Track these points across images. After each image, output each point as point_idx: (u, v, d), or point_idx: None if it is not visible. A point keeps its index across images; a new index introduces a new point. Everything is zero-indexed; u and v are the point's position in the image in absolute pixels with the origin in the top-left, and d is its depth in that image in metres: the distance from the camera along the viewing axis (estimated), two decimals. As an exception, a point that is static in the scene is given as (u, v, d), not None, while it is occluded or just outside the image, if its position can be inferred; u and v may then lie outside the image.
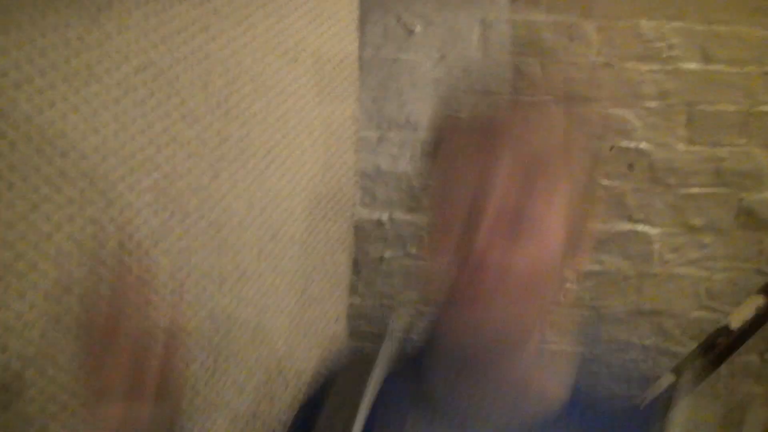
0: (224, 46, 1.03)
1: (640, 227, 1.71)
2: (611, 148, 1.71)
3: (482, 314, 0.59)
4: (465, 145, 0.64)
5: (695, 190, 1.70)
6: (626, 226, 1.71)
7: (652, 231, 1.71)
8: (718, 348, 1.56)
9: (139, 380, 0.65)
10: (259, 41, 1.10)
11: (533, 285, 0.61)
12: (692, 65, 1.70)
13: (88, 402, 0.65)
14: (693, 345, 1.68)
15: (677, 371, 1.62)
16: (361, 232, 1.70)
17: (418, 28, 1.71)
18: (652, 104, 1.70)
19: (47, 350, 0.75)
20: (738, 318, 1.59)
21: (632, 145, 1.71)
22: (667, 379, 1.60)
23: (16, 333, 0.72)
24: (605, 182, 1.71)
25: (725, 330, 1.59)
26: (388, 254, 1.71)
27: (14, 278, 0.71)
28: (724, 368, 1.65)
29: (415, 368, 0.73)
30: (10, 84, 0.69)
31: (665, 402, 1.58)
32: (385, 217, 1.72)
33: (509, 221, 0.60)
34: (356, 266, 1.70)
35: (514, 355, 0.65)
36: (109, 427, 0.64)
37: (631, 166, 1.71)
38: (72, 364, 0.79)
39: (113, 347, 0.64)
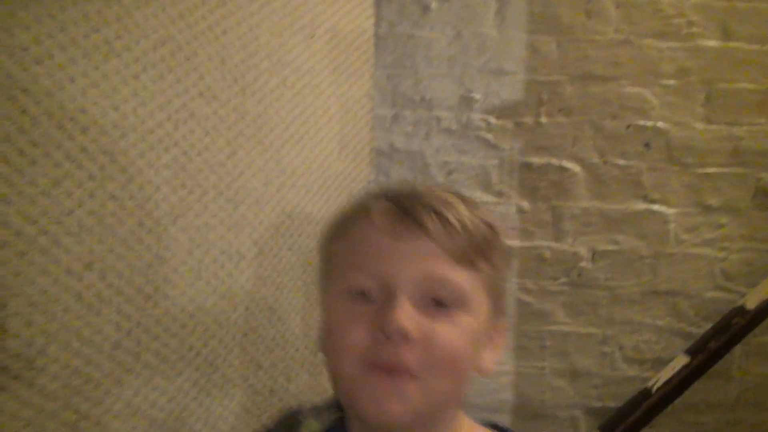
0: (241, 21, 1.02)
1: (656, 207, 1.70)
2: (628, 126, 1.69)
3: (405, 387, 0.59)
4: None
5: (712, 169, 1.69)
6: (642, 206, 1.70)
7: (668, 211, 1.70)
8: (733, 329, 1.56)
9: None
10: (276, 16, 1.09)
11: (456, 358, 0.62)
12: (711, 42, 1.67)
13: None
14: (707, 326, 1.67)
15: (691, 352, 1.62)
16: (374, 211, 1.70)
17: (433, 4, 1.69)
18: (671, 82, 1.68)
19: (72, 324, 0.76)
20: (754, 298, 1.59)
21: (649, 123, 1.69)
22: (680, 361, 1.60)
23: (40, 308, 0.72)
24: (621, 162, 1.69)
25: (741, 310, 1.59)
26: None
27: (38, 253, 0.72)
28: (738, 349, 1.65)
29: None
30: (31, 59, 0.68)
31: (678, 384, 1.59)
32: (398, 195, 1.71)
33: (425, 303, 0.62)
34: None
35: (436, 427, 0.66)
36: None
37: (647, 145, 1.69)
38: (95, 336, 0.80)
39: None
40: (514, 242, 1.71)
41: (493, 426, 0.75)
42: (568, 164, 1.70)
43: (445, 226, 0.62)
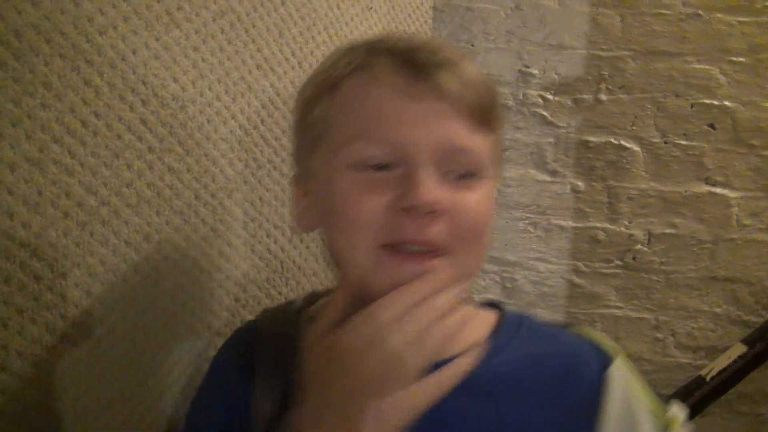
0: (300, -7, 1.00)
1: (718, 190, 1.63)
2: (692, 105, 1.62)
3: (434, 267, 0.53)
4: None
5: (782, 152, 1.61)
6: (703, 188, 1.63)
7: (732, 194, 1.63)
8: (796, 319, 1.50)
9: None
10: (334, -13, 1.07)
11: (482, 228, 0.57)
12: (789, 17, 1.58)
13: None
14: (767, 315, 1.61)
15: (749, 342, 1.56)
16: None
17: (492, -25, 1.64)
18: (741, 59, 1.60)
19: (129, 294, 0.77)
20: (820, 289, 1.52)
21: (715, 102, 1.61)
22: (737, 350, 1.55)
23: (99, 278, 0.73)
24: (683, 142, 1.63)
25: (806, 301, 1.52)
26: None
27: (98, 224, 0.72)
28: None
29: None
30: (96, 29, 0.68)
31: (734, 373, 1.54)
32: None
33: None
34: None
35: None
36: None
37: (712, 125, 1.62)
38: (152, 307, 0.81)
39: None
40: (567, 222, 1.67)
41: (491, 304, 0.70)
42: (627, 143, 1.64)
43: (463, 85, 0.55)
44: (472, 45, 1.65)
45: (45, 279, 0.66)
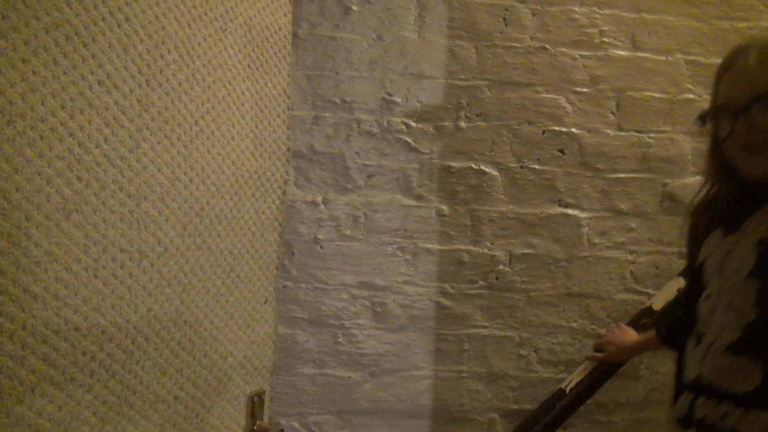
0: (146, 9, 0.97)
1: (570, 211, 1.74)
2: (543, 132, 1.73)
3: None
4: None
5: (623, 175, 1.75)
6: (557, 210, 1.74)
7: (582, 215, 1.74)
8: (642, 328, 1.61)
9: None
10: (185, 6, 1.05)
11: None
12: (622, 52, 1.74)
13: None
14: (618, 326, 1.72)
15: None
16: (295, 214, 1.67)
17: (354, 6, 1.69)
18: (583, 90, 1.73)
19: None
20: (660, 299, 1.65)
21: (564, 129, 1.73)
22: (592, 362, 1.64)
23: None
24: (537, 166, 1.73)
25: (649, 310, 1.64)
26: (322, 236, 1.68)
27: None
28: (646, 348, 1.70)
29: None
30: None
31: (589, 384, 1.62)
32: (319, 198, 1.69)
33: None
34: (289, 249, 1.66)
35: None
36: None
37: (562, 151, 1.74)
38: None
39: None
40: (433, 246, 1.71)
41: None
42: (486, 168, 1.72)
43: None
44: (336, 73, 1.68)
45: None
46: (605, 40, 1.73)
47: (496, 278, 1.73)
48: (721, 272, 0.94)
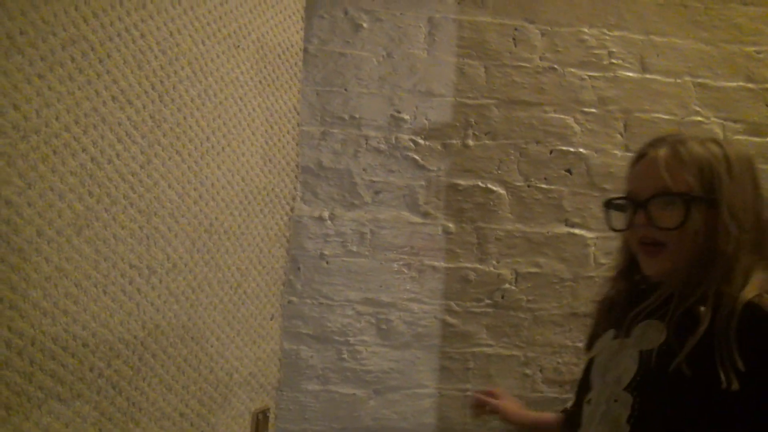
0: (161, 26, 0.98)
1: (576, 230, 1.74)
2: (551, 151, 1.73)
3: None
4: None
5: (630, 196, 1.74)
6: (563, 229, 1.74)
7: (588, 234, 1.74)
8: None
9: None
10: (199, 23, 1.06)
11: None
12: (630, 73, 1.74)
13: None
14: (624, 348, 1.71)
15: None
16: (301, 230, 1.67)
17: (365, 24, 1.69)
18: (591, 110, 1.73)
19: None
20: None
21: (571, 149, 1.73)
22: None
23: None
24: (544, 185, 1.73)
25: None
26: (328, 252, 1.68)
27: None
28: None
29: None
30: None
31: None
32: (326, 214, 1.69)
33: None
34: (295, 264, 1.66)
35: None
36: None
37: (569, 170, 1.74)
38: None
39: None
40: (439, 263, 1.71)
41: None
42: (493, 186, 1.72)
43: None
44: (346, 89, 1.69)
45: None
46: (614, 61, 1.73)
47: (502, 297, 1.72)
48: (604, 377, 0.93)
